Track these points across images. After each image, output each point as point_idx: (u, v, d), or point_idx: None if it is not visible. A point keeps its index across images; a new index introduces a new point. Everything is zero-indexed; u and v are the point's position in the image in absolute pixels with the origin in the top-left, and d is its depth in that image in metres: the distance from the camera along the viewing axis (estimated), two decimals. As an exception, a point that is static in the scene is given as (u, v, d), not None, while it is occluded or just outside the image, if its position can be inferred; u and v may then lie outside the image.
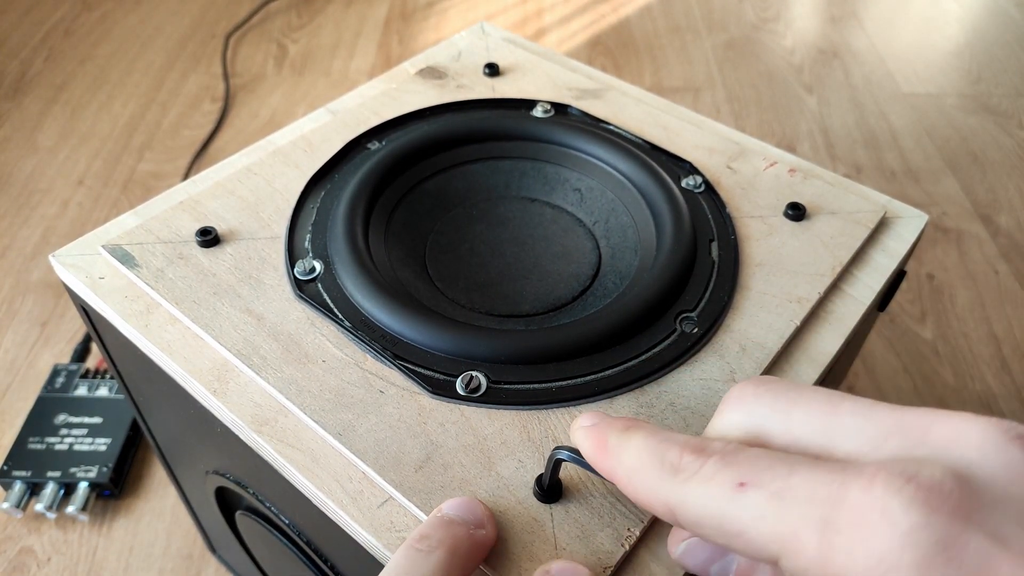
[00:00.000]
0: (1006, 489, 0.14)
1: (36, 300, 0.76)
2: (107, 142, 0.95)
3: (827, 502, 0.15)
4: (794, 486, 0.16)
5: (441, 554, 0.22)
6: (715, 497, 0.17)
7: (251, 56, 1.10)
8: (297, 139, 0.40)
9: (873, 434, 0.16)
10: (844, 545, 0.14)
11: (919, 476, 0.14)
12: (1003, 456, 0.14)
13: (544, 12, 1.21)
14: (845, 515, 0.14)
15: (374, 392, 0.29)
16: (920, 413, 0.16)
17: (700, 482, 0.17)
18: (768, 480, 0.16)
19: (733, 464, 0.17)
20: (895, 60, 1.12)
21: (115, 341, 0.36)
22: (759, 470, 0.17)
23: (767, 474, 0.17)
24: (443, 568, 0.22)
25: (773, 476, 0.16)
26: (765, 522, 0.16)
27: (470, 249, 0.37)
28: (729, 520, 0.17)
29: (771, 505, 0.16)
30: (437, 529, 0.23)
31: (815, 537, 0.15)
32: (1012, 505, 0.14)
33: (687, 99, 1.03)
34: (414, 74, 0.46)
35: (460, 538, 0.23)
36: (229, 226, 0.35)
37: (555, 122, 0.40)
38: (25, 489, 0.58)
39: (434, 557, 0.22)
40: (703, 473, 0.17)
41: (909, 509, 0.14)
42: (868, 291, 0.35)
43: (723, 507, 0.17)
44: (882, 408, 0.17)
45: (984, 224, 0.87)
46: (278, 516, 0.35)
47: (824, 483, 0.15)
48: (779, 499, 0.16)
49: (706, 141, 0.41)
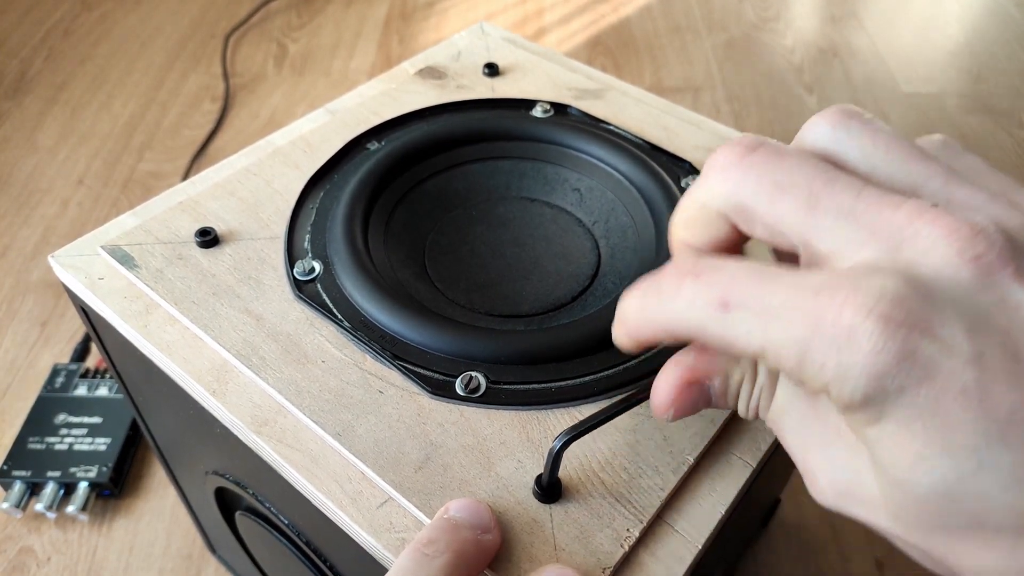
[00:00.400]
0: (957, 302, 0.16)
1: (36, 300, 0.76)
2: (107, 142, 0.95)
3: (805, 323, 0.17)
4: (774, 307, 0.17)
5: (448, 558, 0.22)
6: (700, 315, 0.19)
7: (251, 56, 1.10)
8: (297, 139, 0.40)
9: (850, 235, 0.18)
10: (818, 359, 0.17)
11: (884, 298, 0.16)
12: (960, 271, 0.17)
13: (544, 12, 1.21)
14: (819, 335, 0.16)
15: (373, 392, 0.29)
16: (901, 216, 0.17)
17: (687, 303, 0.19)
18: (749, 299, 0.18)
19: (716, 284, 0.18)
20: (895, 60, 1.12)
21: (114, 342, 0.36)
22: (739, 289, 0.18)
23: (747, 290, 0.18)
24: (449, 573, 0.22)
25: (753, 294, 0.18)
26: (749, 337, 0.18)
27: (470, 249, 0.37)
28: (714, 335, 0.18)
29: (754, 322, 0.18)
30: (444, 533, 0.23)
31: (792, 351, 0.17)
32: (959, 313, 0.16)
33: (687, 99, 1.03)
34: (414, 74, 0.46)
35: (467, 543, 0.23)
36: (228, 227, 0.35)
37: (555, 122, 0.40)
38: (25, 489, 0.58)
39: (440, 561, 0.22)
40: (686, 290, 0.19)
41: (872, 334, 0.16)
42: (868, 291, 0.35)
43: (708, 325, 0.18)
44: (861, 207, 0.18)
45: (984, 224, 0.87)
46: (278, 516, 0.35)
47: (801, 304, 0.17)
48: (762, 317, 0.17)
49: (706, 141, 0.41)
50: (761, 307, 0.18)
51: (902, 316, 0.16)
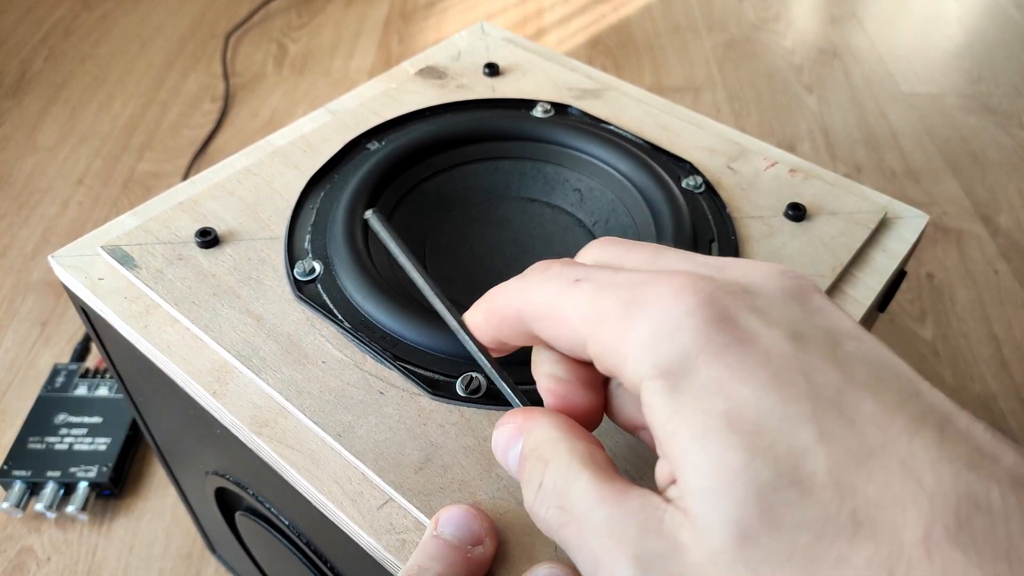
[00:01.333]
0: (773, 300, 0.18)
1: (36, 300, 0.76)
2: (107, 142, 0.95)
3: (636, 286, 0.18)
4: (618, 281, 0.19)
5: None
6: (554, 290, 0.20)
7: (251, 56, 1.10)
8: (297, 139, 0.40)
9: (689, 265, 0.20)
10: (640, 316, 0.17)
11: (712, 279, 0.18)
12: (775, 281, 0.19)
13: (544, 12, 1.21)
14: (647, 294, 0.18)
15: (374, 393, 0.29)
16: (728, 260, 0.20)
17: (544, 280, 0.20)
18: (598, 276, 0.19)
19: (575, 266, 0.20)
20: (895, 60, 1.12)
21: (114, 342, 0.36)
22: (592, 270, 0.20)
23: (599, 272, 0.20)
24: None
25: (602, 274, 0.20)
26: (586, 306, 0.19)
27: (470, 249, 0.37)
28: (559, 308, 0.19)
29: (595, 292, 0.19)
30: (433, 560, 0.23)
31: (620, 311, 0.18)
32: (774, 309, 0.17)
33: (687, 99, 1.03)
34: (414, 74, 0.46)
35: (456, 565, 0.23)
36: (229, 227, 0.35)
37: (555, 122, 0.40)
38: (25, 489, 0.58)
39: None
40: (549, 273, 0.21)
41: (698, 292, 0.17)
42: (869, 292, 0.35)
43: (558, 298, 0.20)
44: (699, 255, 0.20)
45: (984, 224, 0.87)
46: (278, 517, 0.35)
47: (640, 276, 0.18)
48: (602, 288, 0.19)
49: (706, 141, 0.41)
50: (605, 281, 0.19)
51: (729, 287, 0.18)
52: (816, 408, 0.15)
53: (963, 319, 0.76)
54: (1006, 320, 0.76)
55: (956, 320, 0.76)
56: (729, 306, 0.17)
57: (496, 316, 0.22)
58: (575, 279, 0.20)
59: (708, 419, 0.16)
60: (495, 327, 0.22)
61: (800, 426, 0.15)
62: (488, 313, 0.22)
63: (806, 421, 0.15)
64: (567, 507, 0.19)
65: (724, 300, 0.17)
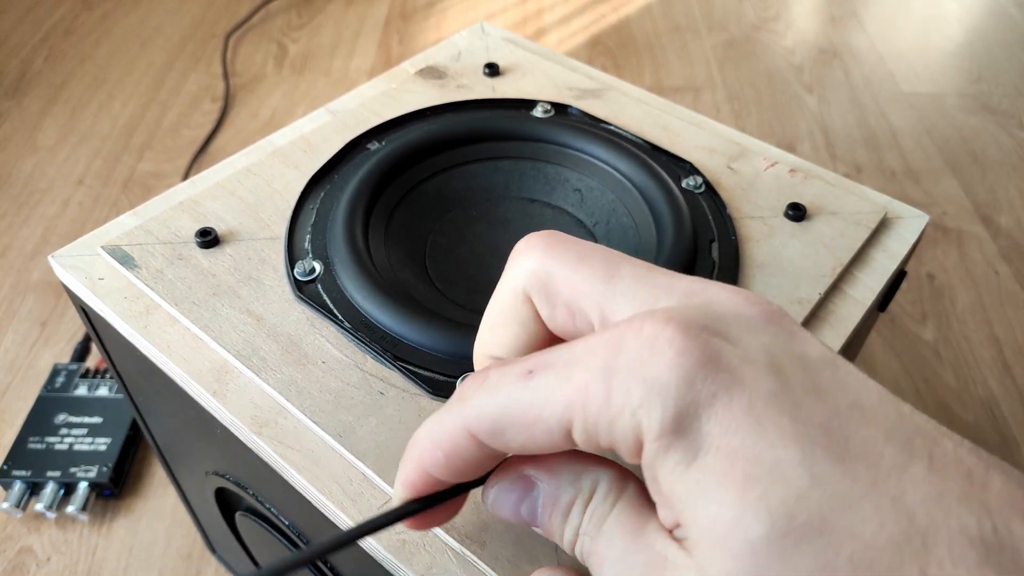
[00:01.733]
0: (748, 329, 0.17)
1: (36, 300, 0.76)
2: (107, 142, 0.95)
3: (607, 352, 0.17)
4: (578, 355, 0.17)
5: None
6: (507, 394, 0.18)
7: (251, 56, 1.10)
8: (297, 139, 0.40)
9: (646, 295, 0.18)
10: (623, 383, 0.16)
11: (679, 315, 0.17)
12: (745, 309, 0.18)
13: (544, 12, 1.21)
14: (623, 357, 0.16)
15: (374, 393, 0.29)
16: (691, 280, 0.19)
17: (488, 389, 0.18)
18: (552, 359, 0.18)
19: (520, 362, 0.18)
20: (895, 60, 1.12)
21: (114, 342, 0.36)
22: (544, 356, 0.18)
23: (552, 355, 0.18)
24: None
25: (558, 355, 0.18)
26: (556, 393, 0.17)
27: (470, 250, 0.37)
28: (523, 408, 0.17)
29: (560, 376, 0.17)
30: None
31: (600, 384, 0.16)
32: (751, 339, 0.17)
33: (687, 99, 1.03)
34: (414, 74, 0.46)
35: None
36: (229, 227, 0.35)
37: (555, 122, 0.40)
38: (25, 489, 0.58)
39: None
40: (488, 381, 0.18)
41: (674, 338, 0.16)
42: (869, 292, 0.35)
43: (516, 398, 0.18)
44: (657, 273, 0.19)
45: (984, 224, 0.87)
46: (278, 517, 0.35)
47: (603, 341, 0.17)
48: (566, 368, 0.17)
49: (706, 141, 0.41)
50: (564, 361, 0.17)
51: (699, 323, 0.16)
52: (804, 449, 0.15)
53: (964, 321, 0.76)
54: (1007, 322, 0.76)
55: (957, 322, 0.76)
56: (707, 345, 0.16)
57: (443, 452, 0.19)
58: (525, 372, 0.18)
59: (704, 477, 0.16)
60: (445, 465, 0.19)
61: (791, 472, 0.15)
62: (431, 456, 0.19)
63: (796, 466, 0.15)
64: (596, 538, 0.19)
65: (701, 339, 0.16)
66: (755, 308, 0.18)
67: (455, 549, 0.25)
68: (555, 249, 0.20)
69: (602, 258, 0.19)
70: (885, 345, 0.74)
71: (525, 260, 0.20)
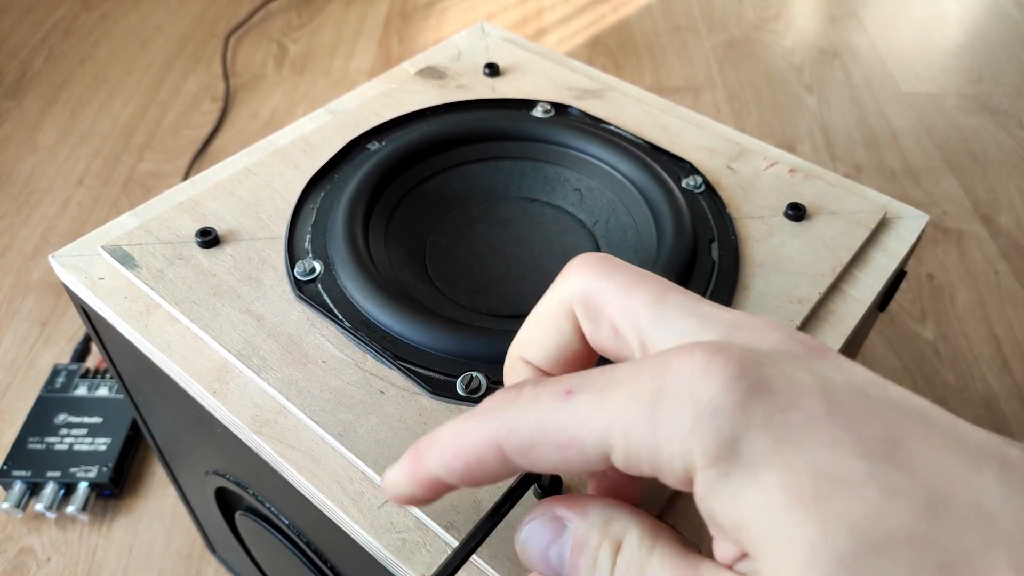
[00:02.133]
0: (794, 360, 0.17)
1: (36, 300, 0.76)
2: (107, 142, 0.95)
3: (652, 377, 0.16)
4: (620, 378, 0.17)
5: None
6: (543, 411, 0.17)
7: (251, 56, 1.10)
8: (297, 139, 0.40)
9: (691, 325, 0.18)
10: (672, 407, 0.16)
11: (729, 346, 0.16)
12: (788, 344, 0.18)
13: (544, 12, 1.21)
14: (670, 382, 0.16)
15: (374, 393, 0.29)
16: (737, 313, 0.19)
17: (525, 403, 0.18)
18: (593, 380, 0.17)
19: (556, 381, 0.18)
20: (895, 60, 1.12)
21: (115, 341, 0.36)
22: (583, 377, 0.17)
23: (591, 376, 0.17)
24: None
25: (598, 376, 0.17)
26: (596, 415, 0.17)
27: (470, 249, 0.37)
28: (559, 427, 0.17)
29: (600, 397, 0.17)
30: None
31: (646, 408, 0.16)
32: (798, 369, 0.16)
33: (687, 99, 1.03)
34: (414, 74, 0.46)
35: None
36: (229, 226, 0.35)
37: (555, 122, 0.40)
38: (25, 489, 0.58)
39: None
40: (525, 396, 0.18)
41: (727, 365, 0.16)
42: (868, 291, 0.35)
43: (552, 417, 0.17)
44: (704, 304, 0.19)
45: (984, 224, 0.87)
46: (278, 517, 0.35)
47: (648, 366, 0.17)
48: (607, 390, 0.17)
49: (706, 141, 0.41)
50: (605, 382, 0.17)
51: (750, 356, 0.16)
52: (870, 463, 0.15)
53: (963, 319, 0.76)
54: (1007, 320, 0.76)
55: (956, 320, 0.76)
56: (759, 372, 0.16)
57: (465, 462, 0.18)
58: (564, 391, 0.17)
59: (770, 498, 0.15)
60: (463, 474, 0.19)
61: (861, 486, 0.15)
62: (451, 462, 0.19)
63: (865, 479, 0.15)
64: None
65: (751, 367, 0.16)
66: (799, 343, 0.18)
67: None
68: (610, 271, 0.20)
69: (654, 286, 0.19)
70: (885, 343, 0.74)
71: (577, 277, 0.20)
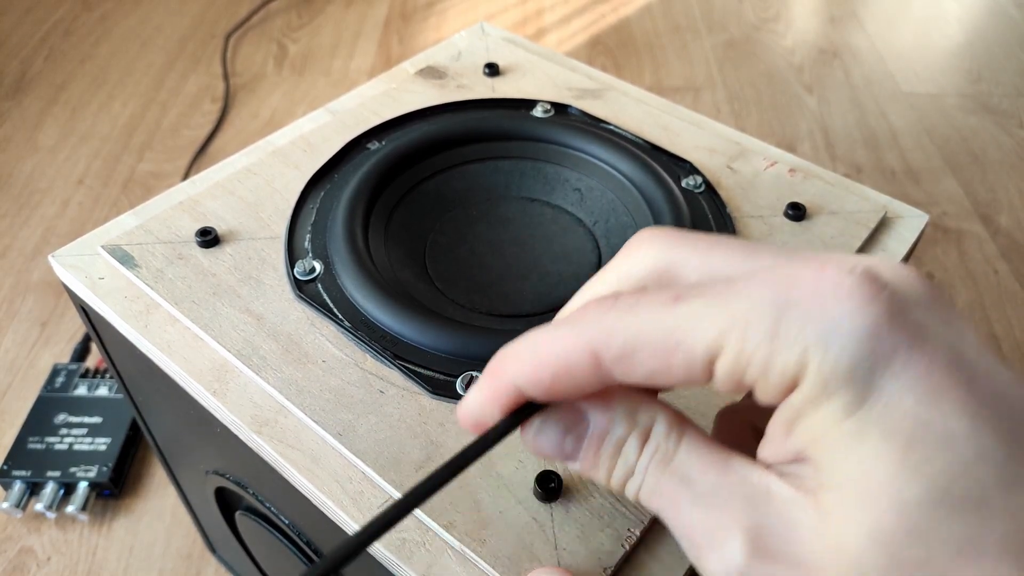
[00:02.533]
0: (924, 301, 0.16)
1: (36, 300, 0.76)
2: (107, 142, 0.95)
3: (777, 286, 0.15)
4: (737, 286, 0.16)
5: None
6: (648, 314, 0.16)
7: (251, 56, 1.10)
8: (297, 139, 0.40)
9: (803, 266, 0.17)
10: (798, 318, 0.15)
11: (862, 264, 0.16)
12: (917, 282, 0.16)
13: (544, 12, 1.21)
14: (799, 293, 0.15)
15: (374, 392, 0.29)
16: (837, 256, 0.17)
17: (624, 309, 0.17)
18: (705, 289, 0.16)
19: (657, 289, 0.17)
20: (895, 60, 1.12)
21: (114, 341, 0.36)
22: (692, 286, 0.17)
23: (702, 285, 0.17)
24: None
25: (710, 285, 0.16)
26: (709, 320, 0.16)
27: (470, 249, 0.37)
28: (665, 331, 0.16)
29: (715, 303, 0.16)
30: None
31: (768, 316, 0.15)
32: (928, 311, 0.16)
33: (687, 99, 1.03)
34: (414, 74, 0.46)
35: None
36: (229, 226, 0.35)
37: (555, 122, 0.40)
38: (25, 489, 0.58)
39: None
40: (624, 302, 0.17)
41: (861, 286, 0.15)
42: (868, 291, 0.35)
43: (658, 321, 0.16)
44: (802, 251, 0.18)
45: (984, 224, 0.87)
46: (278, 516, 0.35)
47: (771, 277, 0.16)
48: (723, 296, 0.16)
49: (706, 141, 0.41)
50: (721, 289, 0.16)
51: (886, 276, 0.15)
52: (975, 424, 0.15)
53: (963, 319, 0.76)
54: (1006, 320, 0.76)
55: (956, 320, 0.76)
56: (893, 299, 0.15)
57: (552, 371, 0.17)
58: (672, 297, 0.16)
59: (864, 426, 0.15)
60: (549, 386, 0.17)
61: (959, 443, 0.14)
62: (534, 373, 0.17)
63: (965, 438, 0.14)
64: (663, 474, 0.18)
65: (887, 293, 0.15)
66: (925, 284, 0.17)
67: (455, 548, 0.25)
68: (683, 238, 0.19)
69: (738, 242, 0.18)
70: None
71: (643, 252, 0.19)
